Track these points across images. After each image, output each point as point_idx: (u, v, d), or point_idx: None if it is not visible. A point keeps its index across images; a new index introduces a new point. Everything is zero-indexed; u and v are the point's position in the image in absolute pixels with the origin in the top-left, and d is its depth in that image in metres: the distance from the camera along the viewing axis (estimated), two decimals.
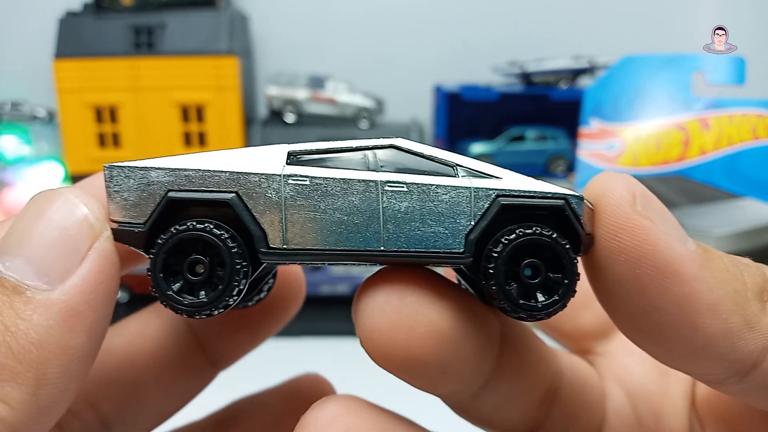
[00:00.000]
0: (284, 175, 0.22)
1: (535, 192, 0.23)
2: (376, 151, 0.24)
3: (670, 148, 0.69)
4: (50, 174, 0.99)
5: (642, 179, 0.69)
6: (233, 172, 0.22)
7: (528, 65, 0.91)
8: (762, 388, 0.21)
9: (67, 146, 0.94)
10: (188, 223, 0.22)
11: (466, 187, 0.22)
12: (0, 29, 1.11)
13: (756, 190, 0.66)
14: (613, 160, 0.71)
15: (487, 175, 0.23)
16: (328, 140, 0.24)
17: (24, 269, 0.19)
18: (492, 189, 0.22)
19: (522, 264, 0.22)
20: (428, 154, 0.23)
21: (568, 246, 0.22)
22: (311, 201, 0.22)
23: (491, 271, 0.22)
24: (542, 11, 1.05)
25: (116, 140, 0.93)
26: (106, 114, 0.92)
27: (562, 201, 0.22)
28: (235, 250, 0.22)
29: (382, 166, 0.23)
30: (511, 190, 0.22)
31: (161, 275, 0.21)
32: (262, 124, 0.96)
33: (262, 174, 0.22)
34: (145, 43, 0.90)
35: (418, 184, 0.22)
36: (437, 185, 0.22)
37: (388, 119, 0.99)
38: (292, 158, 0.23)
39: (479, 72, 1.00)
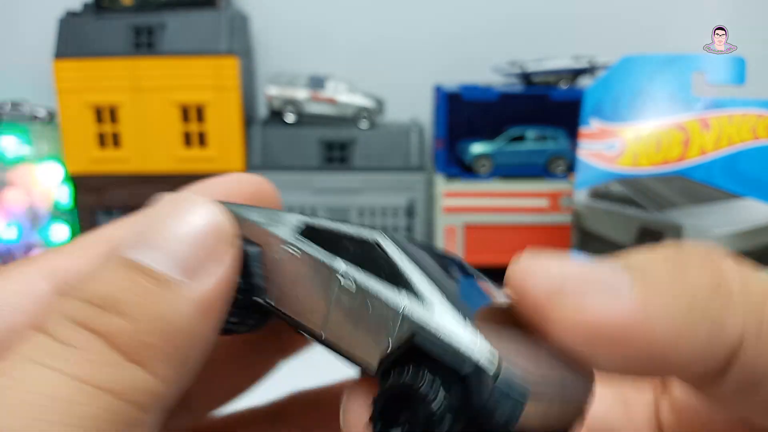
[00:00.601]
0: (288, 242, 0.24)
1: (444, 348, 0.20)
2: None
3: (670, 148, 0.69)
4: (50, 174, 0.99)
5: (642, 179, 0.66)
6: (265, 228, 0.24)
7: (528, 65, 0.91)
8: (746, 379, 0.20)
9: (66, 146, 0.94)
10: None
11: (396, 312, 0.21)
12: (0, 29, 1.11)
13: (756, 190, 0.66)
14: (614, 160, 0.71)
15: (427, 304, 0.21)
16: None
17: (170, 264, 0.21)
18: (414, 323, 0.20)
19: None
20: (392, 263, 0.22)
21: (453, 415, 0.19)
22: (291, 270, 0.24)
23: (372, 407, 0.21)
24: (542, 12, 1.05)
25: (116, 140, 0.93)
26: (106, 114, 0.92)
27: (471, 371, 0.19)
28: (241, 287, 0.24)
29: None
30: (427, 334, 0.20)
31: None
32: (262, 124, 0.96)
33: (278, 236, 0.24)
34: (145, 43, 0.91)
35: (363, 289, 0.22)
36: (375, 298, 0.21)
37: (388, 119, 0.99)
38: (302, 229, 0.24)
39: (479, 72, 1.00)
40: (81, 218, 0.96)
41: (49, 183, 0.99)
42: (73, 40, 0.91)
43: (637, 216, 0.70)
